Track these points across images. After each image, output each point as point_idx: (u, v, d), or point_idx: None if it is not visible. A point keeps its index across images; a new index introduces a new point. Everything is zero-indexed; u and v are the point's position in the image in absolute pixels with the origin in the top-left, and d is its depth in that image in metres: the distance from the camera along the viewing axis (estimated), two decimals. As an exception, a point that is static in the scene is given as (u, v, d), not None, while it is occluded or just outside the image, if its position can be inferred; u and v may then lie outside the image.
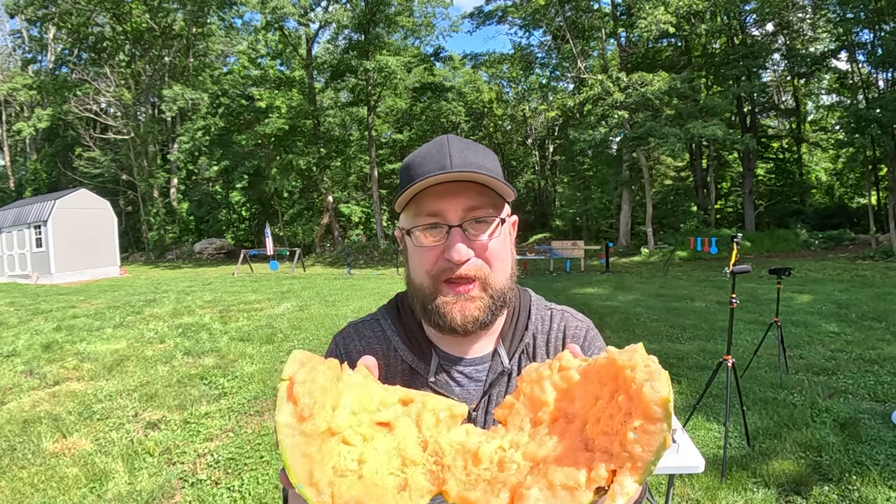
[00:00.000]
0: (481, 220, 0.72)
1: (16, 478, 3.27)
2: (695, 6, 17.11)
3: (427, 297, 0.74)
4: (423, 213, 0.72)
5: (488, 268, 0.73)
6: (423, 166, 0.73)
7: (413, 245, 0.75)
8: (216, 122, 22.76)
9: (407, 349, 0.80)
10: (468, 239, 0.72)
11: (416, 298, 0.77)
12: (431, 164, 0.72)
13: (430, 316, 0.74)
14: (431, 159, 0.73)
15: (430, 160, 0.73)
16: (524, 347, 0.82)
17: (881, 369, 4.79)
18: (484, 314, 0.73)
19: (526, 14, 22.10)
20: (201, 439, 3.82)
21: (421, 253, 0.73)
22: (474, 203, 0.72)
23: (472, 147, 0.76)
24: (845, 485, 2.88)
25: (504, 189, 0.73)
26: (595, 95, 18.03)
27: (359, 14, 21.54)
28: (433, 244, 0.72)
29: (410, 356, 0.80)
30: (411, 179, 0.72)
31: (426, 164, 0.72)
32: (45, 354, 6.30)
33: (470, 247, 0.71)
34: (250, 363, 5.73)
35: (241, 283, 13.95)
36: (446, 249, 0.71)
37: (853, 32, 16.28)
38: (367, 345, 0.83)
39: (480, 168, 0.71)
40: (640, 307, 8.48)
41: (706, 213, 22.23)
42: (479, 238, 0.72)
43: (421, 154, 0.75)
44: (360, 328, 0.86)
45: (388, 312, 0.86)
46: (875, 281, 10.64)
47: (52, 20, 24.27)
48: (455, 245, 0.70)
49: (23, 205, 20.33)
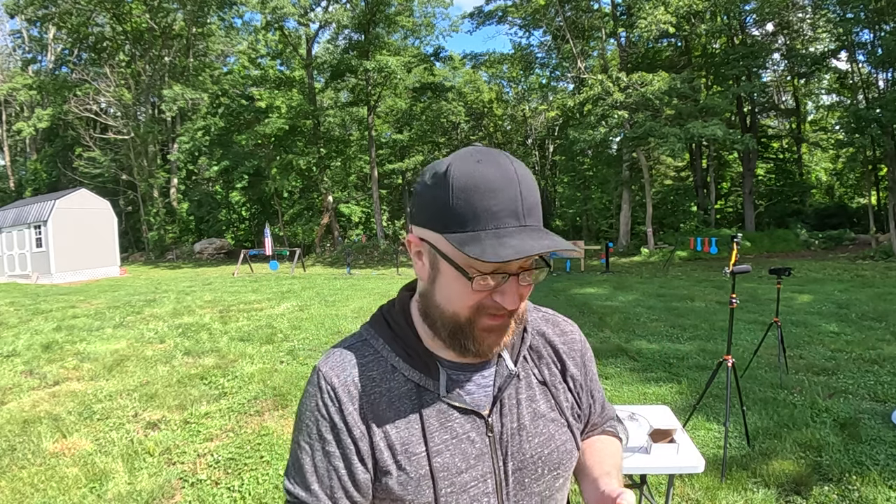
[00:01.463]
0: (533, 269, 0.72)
1: (16, 478, 3.27)
2: (695, 6, 17.10)
3: (462, 325, 0.73)
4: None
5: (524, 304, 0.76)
6: (493, 202, 0.66)
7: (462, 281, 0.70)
8: (216, 122, 22.77)
9: (411, 368, 0.76)
10: (522, 286, 0.71)
11: (440, 322, 0.74)
12: (504, 203, 0.66)
13: (459, 341, 0.74)
14: (503, 196, 0.67)
15: (501, 196, 0.67)
16: (526, 350, 0.83)
17: (881, 369, 4.79)
18: (511, 337, 0.76)
19: (526, 14, 22.09)
20: (201, 439, 3.82)
21: (469, 291, 0.70)
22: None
23: (531, 179, 0.72)
24: (845, 485, 2.88)
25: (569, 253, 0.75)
26: (595, 95, 18.02)
27: (359, 14, 21.55)
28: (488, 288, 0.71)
29: (417, 374, 0.76)
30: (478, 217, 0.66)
31: (498, 201, 0.66)
32: (45, 354, 6.30)
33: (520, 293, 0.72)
34: (250, 363, 5.73)
35: (241, 283, 13.95)
36: (499, 294, 0.70)
37: (853, 32, 16.28)
38: (363, 372, 0.76)
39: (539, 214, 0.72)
40: (640, 307, 8.48)
41: (706, 213, 22.24)
42: (530, 283, 0.72)
43: (487, 179, 0.67)
44: (349, 354, 0.78)
45: (377, 331, 0.80)
46: (875, 281, 10.64)
47: (52, 20, 24.28)
48: (513, 296, 0.70)
49: (23, 205, 20.34)
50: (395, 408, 0.74)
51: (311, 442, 0.75)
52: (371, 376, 0.76)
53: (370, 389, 0.75)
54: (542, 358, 0.85)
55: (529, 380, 0.82)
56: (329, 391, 0.74)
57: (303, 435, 0.76)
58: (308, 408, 0.76)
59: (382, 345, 0.78)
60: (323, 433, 0.74)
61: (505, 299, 0.70)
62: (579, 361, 0.89)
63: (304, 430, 0.76)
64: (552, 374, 0.85)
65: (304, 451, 0.75)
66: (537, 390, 0.82)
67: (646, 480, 2.42)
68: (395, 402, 0.75)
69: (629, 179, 21.55)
